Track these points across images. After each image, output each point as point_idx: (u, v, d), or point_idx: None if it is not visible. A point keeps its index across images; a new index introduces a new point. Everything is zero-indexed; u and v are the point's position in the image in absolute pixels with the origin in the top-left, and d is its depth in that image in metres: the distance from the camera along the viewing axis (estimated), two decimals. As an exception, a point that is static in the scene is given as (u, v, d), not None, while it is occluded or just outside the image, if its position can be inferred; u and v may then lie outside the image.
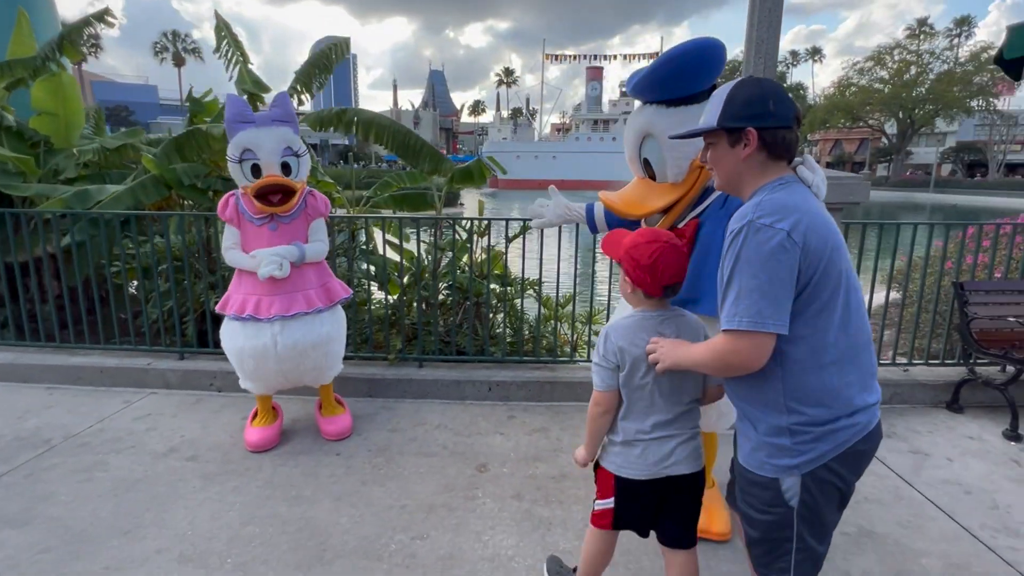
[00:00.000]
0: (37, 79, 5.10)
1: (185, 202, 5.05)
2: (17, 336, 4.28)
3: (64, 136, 5.26)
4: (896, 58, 46.48)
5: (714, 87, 2.02)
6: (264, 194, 2.80)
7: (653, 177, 2.17)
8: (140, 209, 4.51)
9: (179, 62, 58.98)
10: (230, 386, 3.83)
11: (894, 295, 4.86)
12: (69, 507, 2.58)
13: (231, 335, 2.93)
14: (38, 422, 3.39)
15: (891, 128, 49.71)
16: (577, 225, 3.77)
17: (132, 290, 4.51)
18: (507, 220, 3.89)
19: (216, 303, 3.88)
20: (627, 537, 1.90)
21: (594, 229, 2.62)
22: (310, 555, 2.28)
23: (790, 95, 1.47)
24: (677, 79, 2.02)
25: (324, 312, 3.04)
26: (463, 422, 3.45)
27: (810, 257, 1.32)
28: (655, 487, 1.71)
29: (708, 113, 1.50)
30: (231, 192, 2.93)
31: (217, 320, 4.01)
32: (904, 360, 3.96)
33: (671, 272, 1.63)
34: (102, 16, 5.76)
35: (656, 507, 1.75)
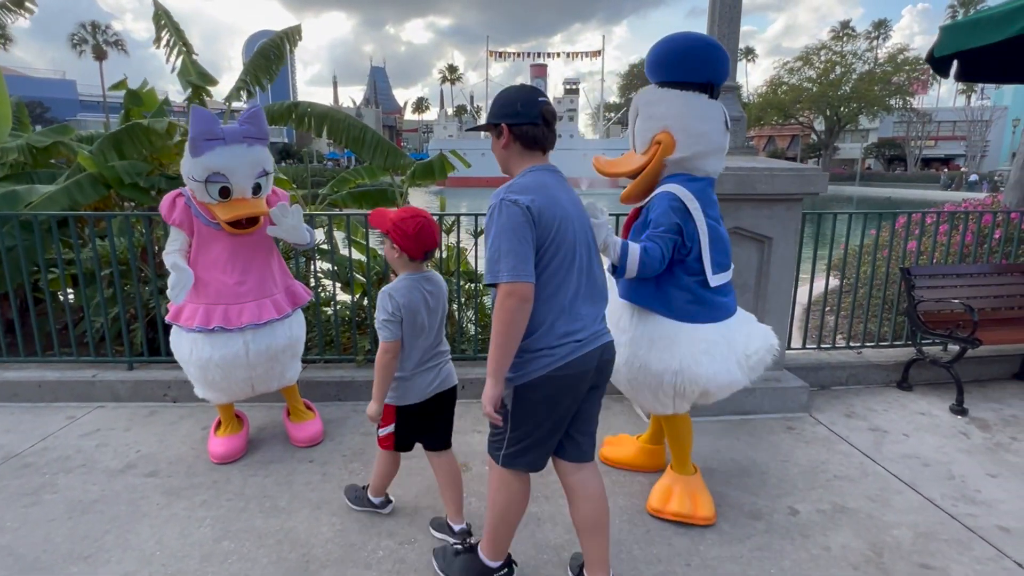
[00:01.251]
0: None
1: (125, 202, 4.75)
2: (-61, 351, 3.90)
3: (-15, 133, 4.85)
4: (823, 58, 48.99)
5: (709, 85, 2.23)
6: (235, 223, 2.63)
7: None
8: (76, 210, 4.20)
9: (100, 55, 55.39)
10: (186, 396, 3.62)
11: (835, 282, 5.11)
12: (17, 534, 2.36)
13: (194, 347, 2.72)
14: (-29, 444, 3.10)
15: (820, 125, 52.40)
16: None
17: (70, 297, 4.20)
18: (476, 216, 3.84)
19: (167, 309, 3.69)
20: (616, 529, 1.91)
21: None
22: (294, 568, 2.18)
23: (542, 99, 1.82)
24: (661, 65, 2.25)
25: (291, 315, 2.93)
26: (438, 422, 3.38)
27: (542, 227, 1.72)
28: (425, 407, 2.23)
29: (485, 116, 1.94)
30: (176, 192, 2.71)
31: (168, 327, 3.79)
32: (857, 344, 4.17)
33: (431, 240, 2.15)
34: (21, 3, 5.34)
35: (424, 423, 2.28)
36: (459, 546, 2.18)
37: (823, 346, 4.10)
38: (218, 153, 2.55)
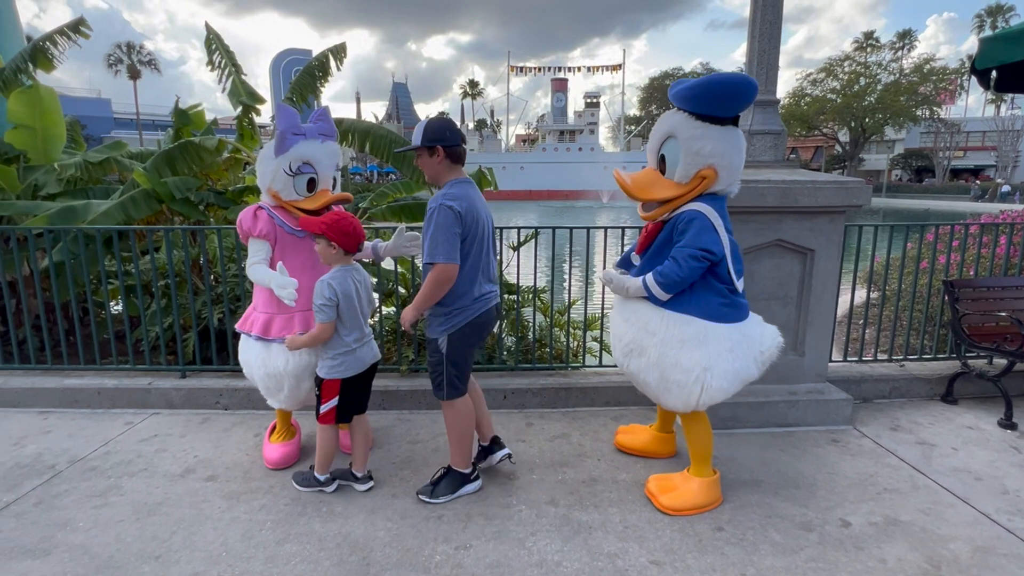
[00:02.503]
0: (11, 92, 4.91)
1: (176, 217, 4.93)
2: (4, 359, 4.09)
3: (43, 151, 5.08)
4: (846, 69, 48.52)
5: (738, 117, 2.45)
6: (320, 211, 2.73)
7: (663, 172, 2.51)
8: (131, 224, 4.38)
9: (134, 75, 57.32)
10: (237, 403, 3.74)
11: (872, 294, 5.06)
12: (90, 534, 2.47)
13: (267, 356, 2.78)
14: (37, 448, 3.24)
15: (844, 136, 51.78)
16: (571, 233, 3.88)
17: (120, 307, 4.35)
18: (518, 228, 3.92)
19: (219, 318, 3.82)
20: (668, 539, 1.92)
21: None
22: (355, 570, 2.24)
23: (458, 128, 2.53)
24: (712, 100, 2.34)
25: None
26: (482, 431, 3.43)
27: (465, 224, 2.43)
28: (363, 377, 2.71)
29: (415, 136, 2.51)
30: (255, 205, 2.81)
31: (220, 336, 3.92)
32: (898, 357, 4.13)
33: (360, 236, 2.58)
34: (77, 27, 5.59)
35: (359, 394, 2.74)
36: (436, 475, 2.76)
37: (864, 359, 4.07)
38: (303, 145, 2.69)
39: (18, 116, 4.91)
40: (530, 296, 4.15)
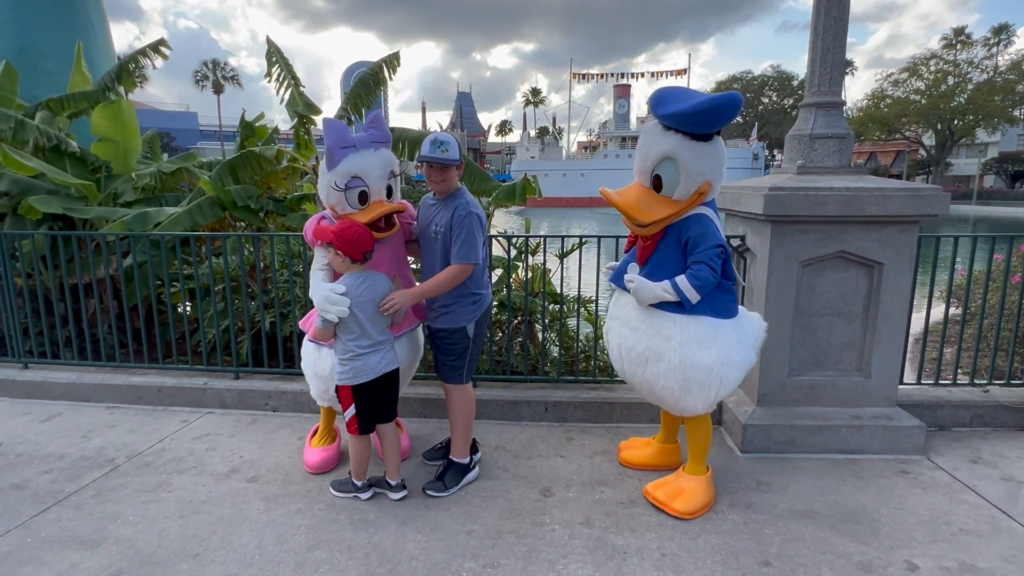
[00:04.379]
0: (96, 106, 5.28)
1: (238, 223, 5.15)
2: (79, 356, 4.37)
3: (123, 161, 5.42)
4: (932, 68, 45.45)
5: (719, 131, 2.50)
6: (374, 222, 2.73)
7: (656, 189, 2.54)
8: (196, 230, 4.60)
9: (218, 89, 61.10)
10: (284, 406, 3.83)
11: (952, 312, 4.63)
12: (137, 528, 2.57)
13: (312, 356, 2.85)
14: (101, 441, 3.42)
15: (929, 140, 48.46)
16: (617, 243, 3.73)
17: (188, 310, 4.57)
18: (562, 237, 3.83)
19: (271, 322, 3.94)
20: (708, 570, 1.78)
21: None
22: (381, 582, 2.21)
23: None
24: (713, 121, 2.38)
25: (415, 330, 3.03)
26: (521, 444, 3.36)
27: (484, 230, 2.79)
28: (378, 389, 2.67)
29: (452, 152, 2.68)
30: (319, 215, 2.88)
31: (271, 339, 4.04)
32: (983, 380, 3.74)
33: (368, 245, 2.61)
34: (157, 47, 5.96)
35: (378, 403, 2.71)
36: (439, 470, 2.90)
37: (941, 382, 3.71)
38: (352, 159, 2.68)
39: (102, 129, 5.27)
40: (575, 306, 4.05)
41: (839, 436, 3.19)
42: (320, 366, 2.85)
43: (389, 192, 2.84)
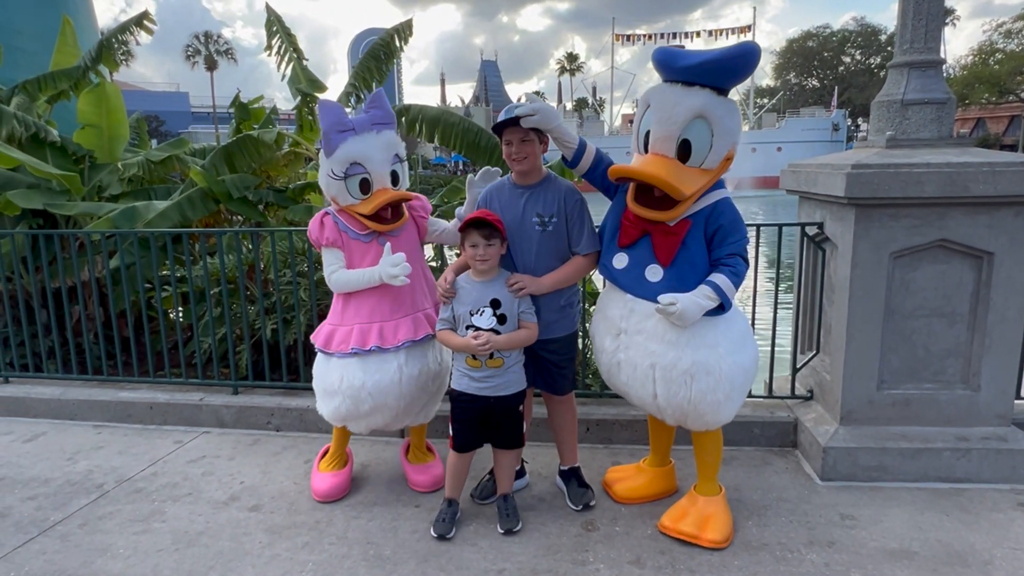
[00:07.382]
0: (81, 91, 5.48)
1: (234, 217, 5.28)
2: (63, 368, 4.55)
3: (108, 150, 5.62)
4: (1056, 14, 43.68)
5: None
6: (378, 212, 2.79)
7: (682, 159, 2.47)
8: (187, 226, 4.73)
9: (211, 65, 62.74)
10: (289, 424, 3.92)
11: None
12: (129, 562, 2.67)
13: (345, 373, 2.84)
14: (89, 464, 3.56)
15: (1051, 102, 46.58)
16: None
17: (176, 316, 4.71)
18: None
19: (272, 329, 4.03)
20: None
21: (573, 164, 2.76)
22: (399, 628, 2.25)
23: None
24: (737, 70, 2.44)
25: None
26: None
27: None
28: (476, 403, 2.74)
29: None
30: (321, 212, 2.94)
31: (273, 350, 4.14)
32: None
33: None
34: (141, 21, 6.14)
35: (480, 425, 2.78)
36: (574, 486, 3.04)
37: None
38: (351, 143, 2.75)
39: (86, 115, 5.47)
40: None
41: (942, 461, 3.10)
42: (327, 379, 2.90)
43: (395, 178, 2.87)
